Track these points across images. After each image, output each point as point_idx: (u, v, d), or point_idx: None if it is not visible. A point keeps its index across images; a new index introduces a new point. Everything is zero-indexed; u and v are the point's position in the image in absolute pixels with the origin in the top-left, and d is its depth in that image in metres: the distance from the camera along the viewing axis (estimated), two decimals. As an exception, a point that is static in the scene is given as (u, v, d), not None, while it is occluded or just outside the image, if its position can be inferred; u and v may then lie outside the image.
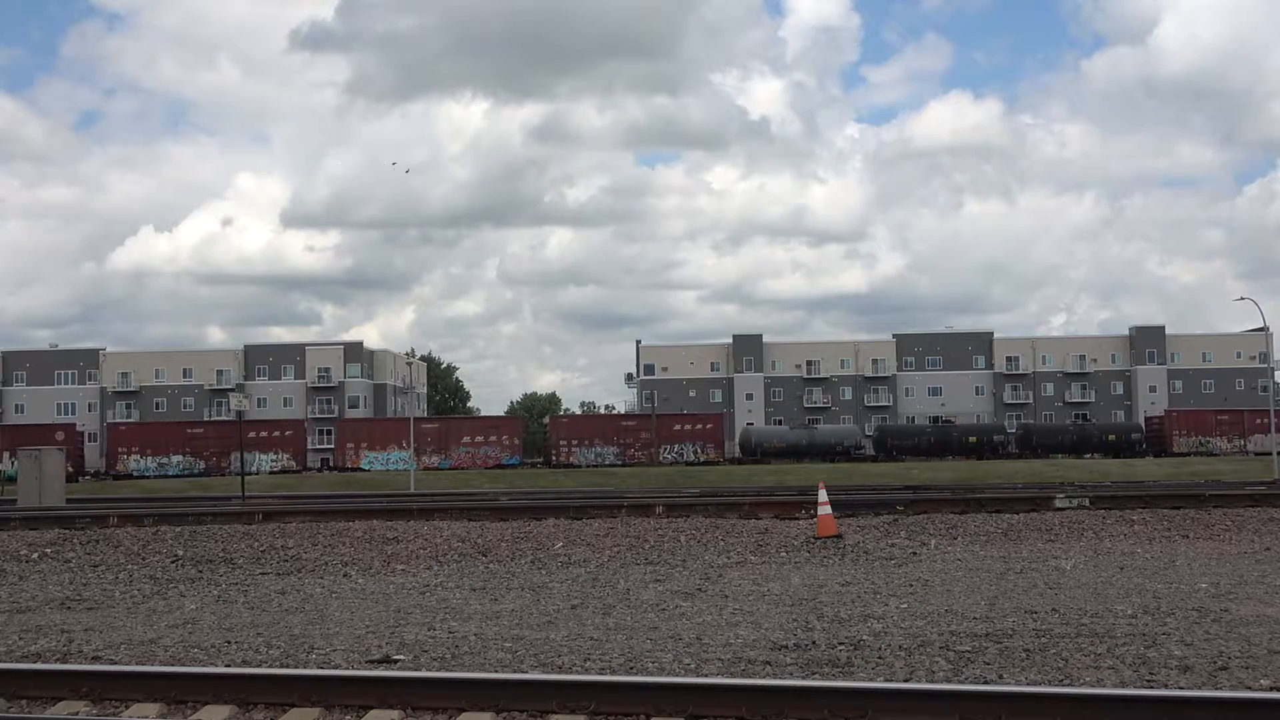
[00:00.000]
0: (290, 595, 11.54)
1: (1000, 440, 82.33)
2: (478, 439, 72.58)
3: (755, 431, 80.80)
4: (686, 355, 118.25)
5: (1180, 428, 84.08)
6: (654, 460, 72.07)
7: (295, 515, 18.51)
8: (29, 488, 28.74)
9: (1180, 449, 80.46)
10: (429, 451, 70.61)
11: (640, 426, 76.46)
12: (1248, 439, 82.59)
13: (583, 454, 72.57)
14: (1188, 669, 7.05)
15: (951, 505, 17.87)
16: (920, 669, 7.23)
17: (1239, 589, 10.40)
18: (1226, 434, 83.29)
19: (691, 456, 73.57)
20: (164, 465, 67.14)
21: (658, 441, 74.11)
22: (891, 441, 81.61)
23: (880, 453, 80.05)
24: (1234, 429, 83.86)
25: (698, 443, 74.80)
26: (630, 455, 73.03)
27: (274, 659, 8.07)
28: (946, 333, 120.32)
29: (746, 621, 9.15)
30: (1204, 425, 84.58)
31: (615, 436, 74.27)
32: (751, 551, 14.08)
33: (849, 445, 78.09)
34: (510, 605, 10.41)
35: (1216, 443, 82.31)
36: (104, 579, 13.30)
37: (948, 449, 79.35)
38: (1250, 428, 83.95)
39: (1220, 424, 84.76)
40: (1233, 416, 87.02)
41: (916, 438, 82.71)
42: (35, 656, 8.40)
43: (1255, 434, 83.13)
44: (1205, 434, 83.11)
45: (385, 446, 70.92)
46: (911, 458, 76.39)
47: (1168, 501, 17.91)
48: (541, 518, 17.42)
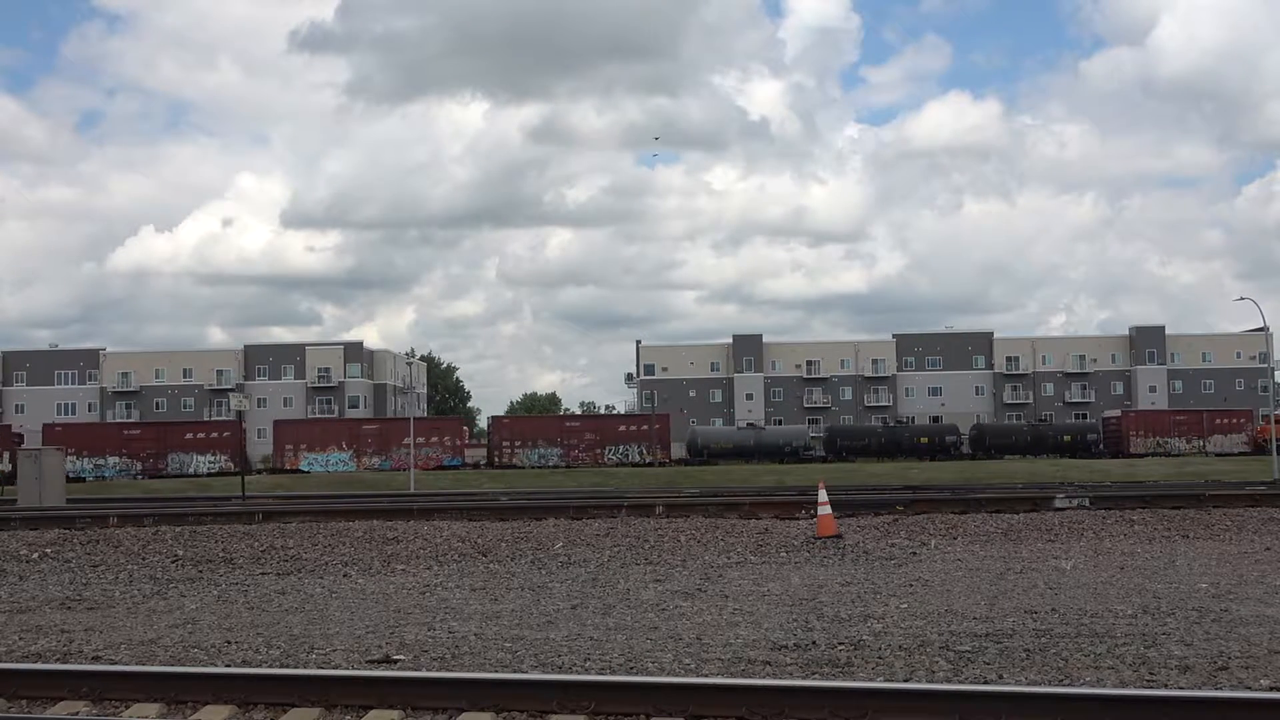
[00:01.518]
0: (290, 595, 11.54)
1: (953, 441, 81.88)
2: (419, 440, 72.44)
3: (701, 432, 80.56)
4: (686, 355, 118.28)
5: (1136, 428, 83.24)
6: (598, 462, 71.66)
7: (295, 515, 18.51)
8: (29, 488, 28.75)
9: (1137, 449, 79.70)
10: (370, 453, 70.50)
11: (584, 427, 76.16)
12: (1207, 440, 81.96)
13: (525, 455, 72.06)
14: (1188, 669, 7.05)
15: (951, 505, 17.87)
16: (920, 669, 7.23)
17: (1239, 589, 10.40)
18: (1185, 435, 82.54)
19: (636, 458, 73.12)
20: (100, 466, 66.82)
21: (602, 443, 73.78)
22: (841, 442, 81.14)
23: (830, 453, 79.55)
24: (1193, 430, 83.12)
25: (643, 444, 74.38)
26: (574, 457, 72.62)
27: (274, 659, 8.07)
28: (946, 333, 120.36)
29: (746, 621, 9.15)
30: (1161, 426, 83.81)
31: (559, 437, 73.82)
32: (751, 551, 14.08)
33: (797, 446, 77.55)
34: (510, 605, 10.41)
35: (1175, 443, 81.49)
36: (104, 579, 13.30)
37: (899, 450, 78.84)
38: (1210, 428, 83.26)
39: (1178, 425, 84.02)
40: (1191, 417, 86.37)
41: (867, 438, 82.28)
42: (35, 656, 8.40)
43: (1215, 435, 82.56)
44: (1163, 435, 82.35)
45: (325, 448, 70.77)
46: (862, 458, 75.88)
47: (1168, 501, 17.91)
48: (541, 518, 17.42)
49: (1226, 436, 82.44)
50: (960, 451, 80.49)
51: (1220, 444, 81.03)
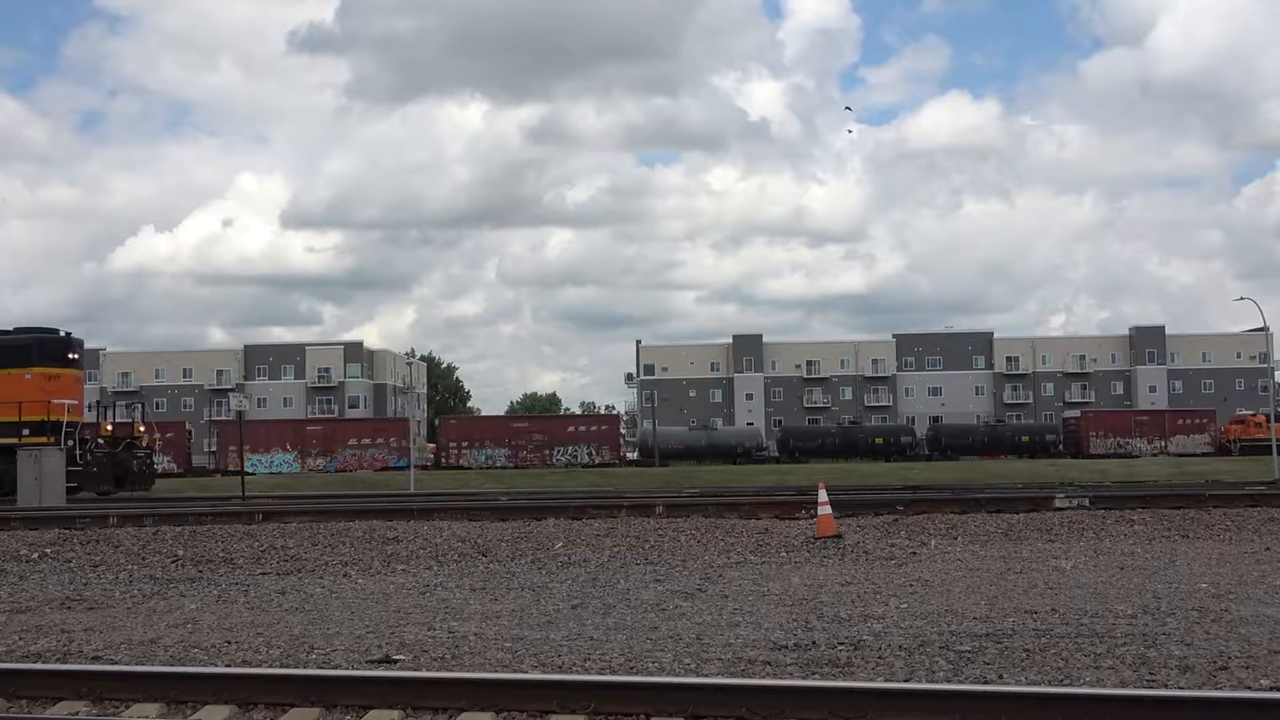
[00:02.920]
0: (290, 595, 11.54)
1: (908, 442, 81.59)
2: (364, 441, 72.18)
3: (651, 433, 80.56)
4: (686, 355, 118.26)
5: (1096, 429, 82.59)
6: (546, 463, 71.41)
7: (295, 515, 18.51)
8: (29, 488, 28.74)
9: (1097, 450, 79.13)
10: (314, 454, 70.38)
11: (532, 429, 76.01)
12: (1169, 440, 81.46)
13: (473, 456, 71.89)
14: (1188, 669, 7.05)
15: (951, 505, 17.86)
16: (920, 669, 7.23)
17: (1239, 589, 10.40)
18: (1146, 435, 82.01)
19: (586, 459, 72.88)
20: None
21: (550, 444, 73.58)
22: (794, 443, 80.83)
23: (783, 454, 79.25)
24: (1154, 430, 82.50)
25: (593, 444, 74.14)
26: (522, 458, 72.38)
27: (274, 659, 8.07)
28: (946, 333, 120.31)
29: (746, 621, 9.15)
30: (1122, 426, 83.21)
31: (507, 438, 73.63)
32: (751, 551, 14.08)
33: (750, 447, 77.29)
34: (510, 605, 10.41)
35: (1136, 444, 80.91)
36: (104, 579, 13.30)
37: (853, 450, 78.55)
38: (1171, 429, 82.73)
39: (1140, 425, 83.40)
40: (1153, 418, 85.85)
41: (821, 439, 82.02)
42: (35, 656, 8.40)
43: (1177, 435, 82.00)
44: (1124, 435, 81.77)
45: (269, 449, 70.64)
46: (816, 459, 75.61)
47: (1168, 501, 17.91)
48: (541, 518, 17.42)
49: (1189, 437, 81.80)
50: (915, 452, 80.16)
51: (1182, 444, 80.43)
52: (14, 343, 33.21)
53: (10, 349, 32.91)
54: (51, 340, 33.64)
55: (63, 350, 33.64)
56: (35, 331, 33.95)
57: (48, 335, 33.75)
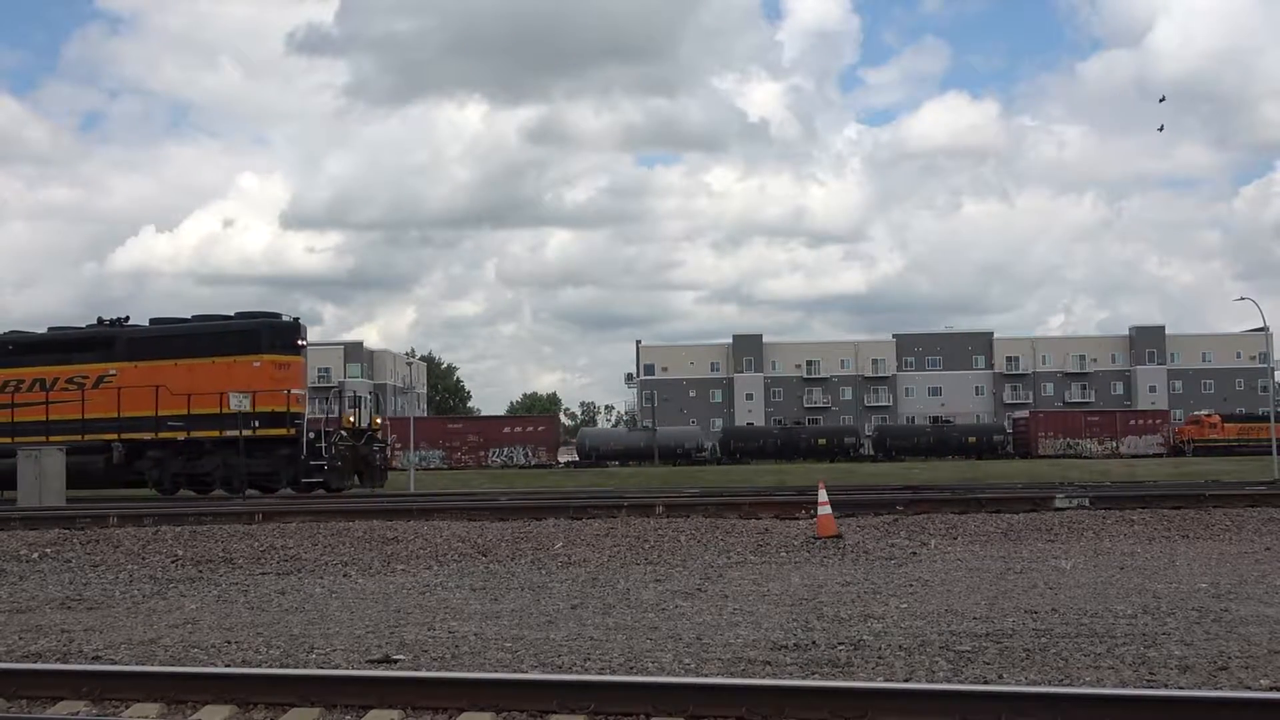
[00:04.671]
0: (290, 595, 11.54)
1: (851, 443, 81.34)
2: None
3: (590, 434, 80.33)
4: (686, 355, 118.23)
5: (1046, 429, 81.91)
6: (481, 464, 71.18)
7: (295, 515, 18.51)
8: (29, 488, 28.72)
9: (1046, 451, 78.51)
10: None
11: (467, 429, 75.80)
12: (1120, 441, 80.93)
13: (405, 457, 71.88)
14: (1188, 669, 7.05)
15: (951, 505, 17.86)
16: (920, 669, 7.23)
17: (1239, 589, 10.40)
18: (1097, 435, 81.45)
19: (522, 460, 72.61)
20: None
21: (486, 445, 73.31)
22: (735, 444, 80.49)
23: (724, 455, 79.03)
24: (1105, 431, 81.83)
25: (529, 446, 73.87)
26: (456, 458, 72.12)
27: (274, 659, 8.07)
28: (946, 333, 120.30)
29: (746, 621, 9.15)
30: (1072, 427, 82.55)
31: (440, 439, 73.33)
32: (751, 551, 14.08)
33: (690, 448, 77.11)
34: (510, 605, 10.41)
35: (1086, 445, 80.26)
36: (104, 579, 13.30)
37: (796, 451, 78.26)
38: (1123, 429, 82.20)
39: (1090, 425, 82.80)
40: (1104, 418, 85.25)
41: (763, 440, 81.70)
42: (35, 656, 8.40)
43: (1129, 435, 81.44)
44: (1074, 436, 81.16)
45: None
46: (758, 461, 75.36)
47: (1168, 501, 17.89)
48: (541, 518, 17.41)
49: (1141, 438, 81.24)
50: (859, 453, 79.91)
51: (1135, 445, 79.89)
52: (242, 328, 31.75)
53: (238, 335, 31.47)
54: (282, 325, 32.03)
55: (293, 336, 32.06)
56: (262, 316, 32.37)
57: (277, 320, 32.18)
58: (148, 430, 31.35)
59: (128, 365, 32.02)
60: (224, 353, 31.14)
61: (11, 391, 32.95)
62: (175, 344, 31.88)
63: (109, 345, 32.64)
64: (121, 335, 32.83)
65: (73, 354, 32.94)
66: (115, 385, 31.73)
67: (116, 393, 31.45)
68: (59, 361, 32.87)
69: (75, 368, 32.62)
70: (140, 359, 31.99)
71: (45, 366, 32.96)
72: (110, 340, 32.73)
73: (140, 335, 32.86)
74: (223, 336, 31.59)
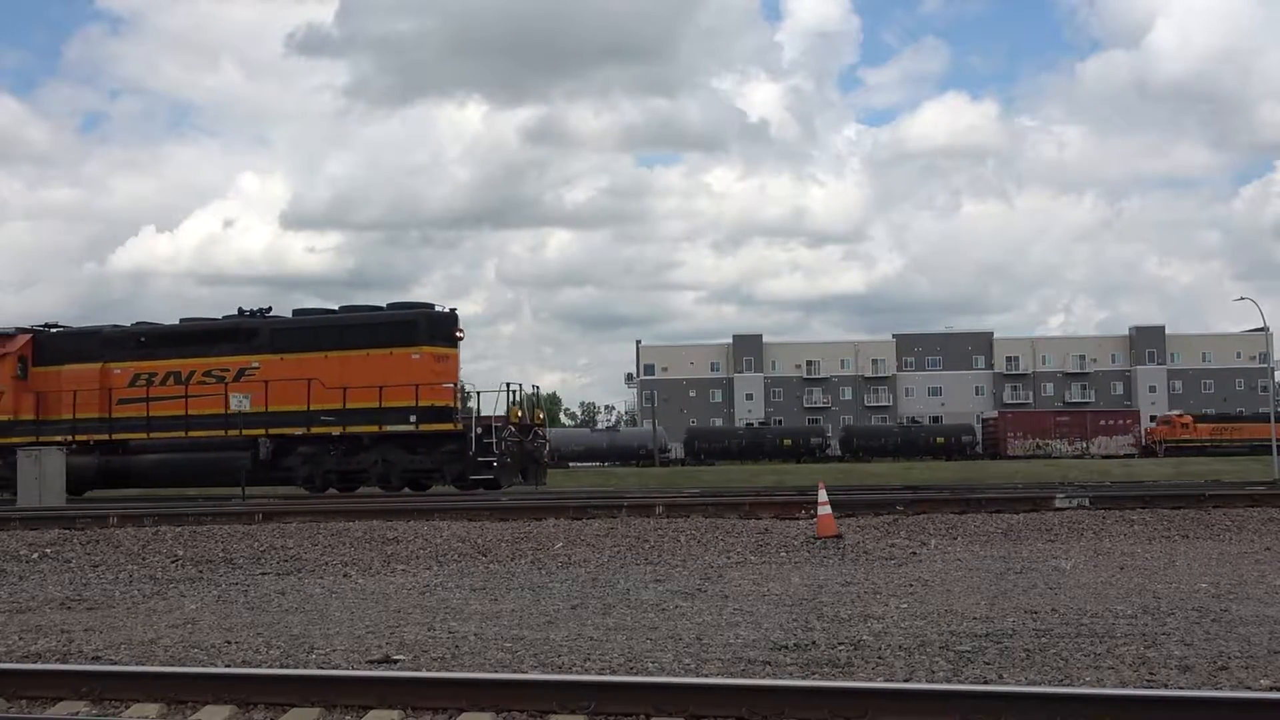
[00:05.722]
0: (290, 595, 11.54)
1: (818, 443, 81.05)
2: None
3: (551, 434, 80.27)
4: (686, 355, 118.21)
5: (1015, 430, 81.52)
6: None
7: (295, 515, 18.51)
8: (29, 488, 28.72)
9: (1015, 452, 78.10)
10: None
11: None
12: (1090, 441, 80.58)
13: None
14: (1188, 669, 7.04)
15: (951, 505, 17.85)
16: (920, 669, 7.23)
17: (1239, 589, 10.40)
18: (1067, 436, 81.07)
19: None
20: None
21: None
22: (699, 444, 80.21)
23: (689, 457, 78.74)
24: (1075, 431, 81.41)
25: None
26: None
27: (274, 659, 8.07)
28: (946, 333, 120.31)
29: (746, 621, 9.15)
30: (1042, 427, 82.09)
31: None
32: (751, 551, 14.08)
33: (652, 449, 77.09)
34: (510, 605, 10.40)
35: (1056, 445, 79.81)
36: (104, 579, 13.30)
37: (761, 452, 77.86)
38: (1093, 430, 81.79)
39: (1060, 425, 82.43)
40: (1073, 418, 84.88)
41: (728, 440, 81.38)
42: (35, 656, 8.40)
43: (1099, 436, 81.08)
44: (1043, 436, 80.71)
45: None
46: (723, 461, 75.13)
47: (1168, 501, 17.88)
48: (541, 518, 17.41)
49: (1111, 438, 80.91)
50: (826, 454, 79.64)
51: (1105, 446, 79.55)
52: (399, 319, 30.58)
53: (394, 326, 30.30)
54: (439, 316, 30.91)
55: (450, 327, 30.99)
56: (418, 307, 31.32)
57: (434, 310, 31.04)
58: (299, 425, 30.15)
59: (272, 358, 30.85)
60: (379, 345, 29.97)
61: (144, 385, 31.74)
62: (325, 336, 30.78)
63: (251, 337, 31.47)
64: (265, 327, 31.65)
65: (211, 346, 31.70)
66: (260, 378, 30.49)
67: (264, 386, 30.24)
68: (196, 354, 31.65)
69: (214, 360, 31.37)
70: (286, 351, 30.86)
71: (180, 359, 31.69)
72: (252, 332, 31.55)
73: (285, 327, 31.75)
74: (377, 328, 30.47)
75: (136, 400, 31.56)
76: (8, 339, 33.27)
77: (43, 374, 32.95)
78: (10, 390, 32.76)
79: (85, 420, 31.72)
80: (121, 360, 32.39)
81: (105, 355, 32.59)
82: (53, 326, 34.24)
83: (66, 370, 32.53)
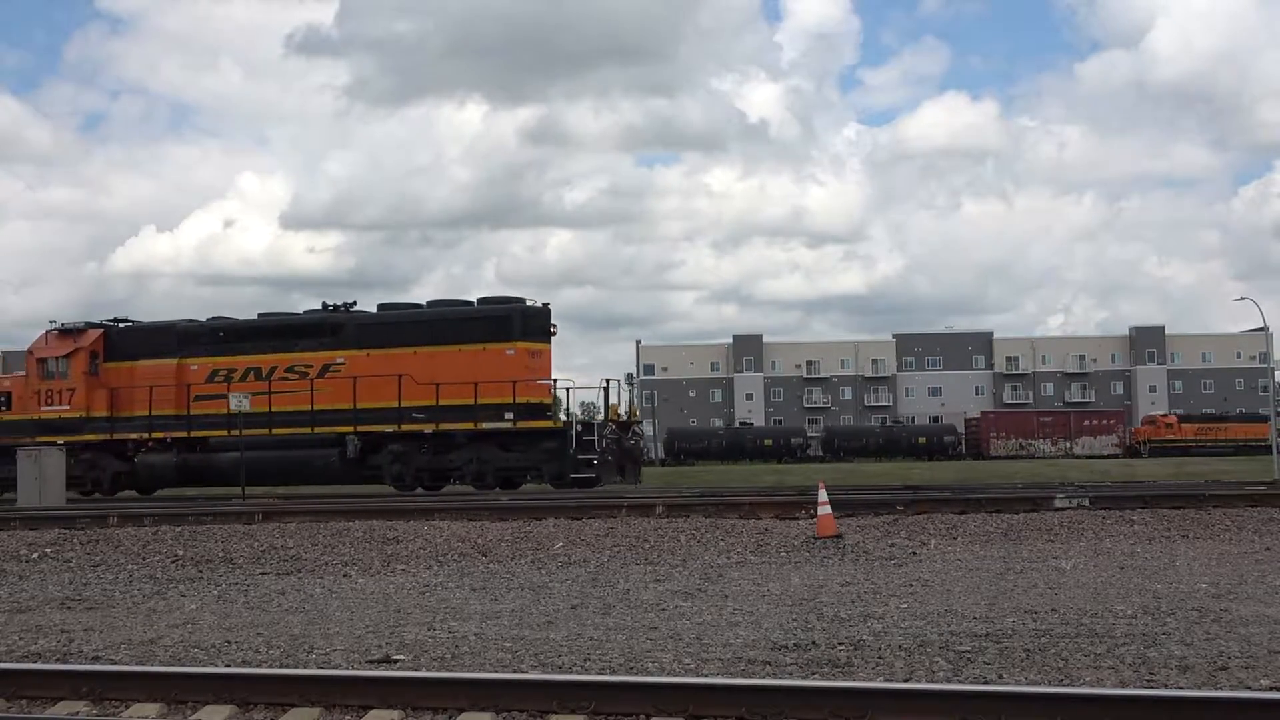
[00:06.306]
0: (290, 595, 11.55)
1: (799, 444, 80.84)
2: None
3: None
4: (686, 355, 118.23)
5: (998, 430, 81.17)
6: None
7: (295, 515, 18.51)
8: (29, 488, 28.73)
9: (998, 452, 77.68)
10: None
11: None
12: (1074, 441, 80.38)
13: None
14: (1188, 669, 7.05)
15: (951, 505, 17.85)
16: (920, 669, 7.23)
17: (1239, 589, 10.40)
18: (1050, 436, 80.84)
19: None
20: None
21: None
22: (679, 445, 79.97)
23: (669, 457, 78.50)
24: (1058, 431, 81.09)
25: None
26: None
27: (274, 659, 8.07)
28: (946, 333, 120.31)
29: (746, 621, 9.15)
30: (1025, 427, 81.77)
31: None
32: (751, 551, 14.08)
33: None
34: (510, 605, 10.41)
35: (1039, 445, 79.53)
36: (104, 579, 13.30)
37: (742, 452, 77.49)
38: (1077, 430, 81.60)
39: (1043, 425, 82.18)
40: (1056, 418, 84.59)
41: (707, 440, 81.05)
42: (35, 656, 8.40)
43: (1083, 436, 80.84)
44: (1026, 436, 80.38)
45: None
46: (701, 462, 74.90)
47: (1168, 501, 17.88)
48: (541, 517, 17.41)
49: (1096, 438, 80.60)
50: (808, 454, 79.44)
51: (1089, 446, 79.22)
52: (492, 314, 29.95)
53: (487, 321, 29.71)
54: (533, 311, 30.22)
55: (544, 322, 30.33)
56: (511, 301, 30.62)
57: (528, 305, 30.37)
58: (389, 422, 29.48)
59: (358, 353, 30.23)
60: (472, 340, 29.36)
61: (223, 380, 30.94)
62: (414, 331, 30.08)
63: (335, 332, 30.80)
64: (351, 322, 30.94)
65: (293, 341, 31.04)
66: (348, 374, 29.87)
67: (351, 382, 29.60)
68: (276, 349, 31.00)
69: (297, 355, 30.74)
70: (373, 347, 30.23)
71: (261, 354, 31.06)
72: (337, 327, 30.88)
73: (372, 322, 31.04)
74: (469, 323, 29.84)
75: (215, 397, 30.70)
76: (78, 334, 32.58)
77: (114, 370, 32.28)
78: (82, 386, 32.01)
79: (162, 417, 31.04)
80: (198, 356, 31.61)
81: (181, 350, 31.78)
82: (121, 321, 33.59)
83: (140, 366, 31.84)
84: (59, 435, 31.63)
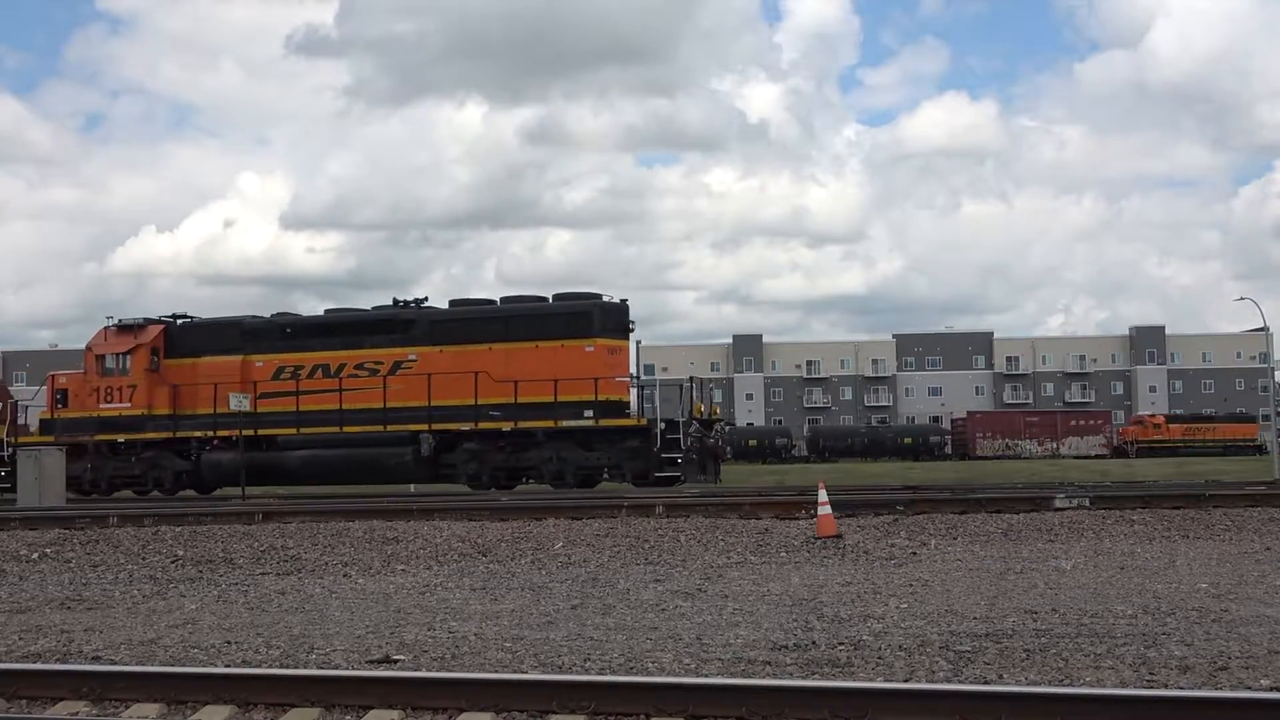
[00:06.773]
0: (290, 595, 11.55)
1: (784, 444, 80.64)
2: None
3: None
4: (686, 355, 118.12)
5: (984, 430, 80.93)
6: None
7: (295, 515, 18.51)
8: (29, 488, 28.72)
9: (984, 452, 77.29)
10: None
11: None
12: (1061, 442, 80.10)
13: None
14: (1188, 669, 7.05)
15: (951, 505, 17.86)
16: (920, 669, 7.23)
17: (1239, 589, 10.40)
18: (1037, 436, 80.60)
19: None
20: None
21: None
22: None
23: None
24: (1045, 431, 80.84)
25: None
26: None
27: (274, 659, 8.07)
28: (946, 333, 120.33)
29: (746, 621, 9.15)
30: (1011, 428, 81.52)
31: None
32: (751, 551, 14.08)
33: None
34: (510, 605, 10.41)
35: (1026, 445, 79.17)
36: (104, 579, 13.30)
37: None
38: (1064, 430, 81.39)
39: (1029, 426, 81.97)
40: (1043, 418, 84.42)
41: None
42: (35, 656, 8.40)
43: (1070, 436, 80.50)
44: (1013, 437, 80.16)
45: None
46: None
47: (1168, 501, 17.88)
48: (541, 518, 17.41)
49: (1082, 439, 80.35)
50: (793, 455, 79.29)
51: (1076, 446, 78.92)
52: (570, 310, 29.36)
53: (565, 317, 29.10)
54: (612, 307, 29.72)
55: (623, 318, 29.88)
56: (588, 297, 30.02)
57: (607, 301, 29.82)
58: (465, 420, 28.81)
59: (431, 350, 29.53)
60: (549, 336, 28.73)
61: (291, 378, 30.29)
62: (489, 328, 29.45)
63: (406, 328, 30.10)
64: (423, 318, 30.28)
65: (363, 337, 30.29)
66: (421, 371, 29.20)
67: (425, 379, 28.86)
68: (346, 345, 30.22)
69: (367, 352, 30.00)
70: (445, 343, 29.53)
71: (330, 351, 30.31)
72: (409, 323, 30.19)
73: (445, 318, 30.39)
74: (546, 319, 29.23)
75: (283, 394, 30.14)
76: (139, 330, 31.87)
77: (176, 366, 31.50)
78: (143, 383, 31.21)
79: (227, 415, 29.82)
80: (263, 352, 30.86)
81: (246, 347, 31.02)
82: (181, 317, 32.96)
83: (203, 363, 31.10)
84: (120, 433, 31.05)
